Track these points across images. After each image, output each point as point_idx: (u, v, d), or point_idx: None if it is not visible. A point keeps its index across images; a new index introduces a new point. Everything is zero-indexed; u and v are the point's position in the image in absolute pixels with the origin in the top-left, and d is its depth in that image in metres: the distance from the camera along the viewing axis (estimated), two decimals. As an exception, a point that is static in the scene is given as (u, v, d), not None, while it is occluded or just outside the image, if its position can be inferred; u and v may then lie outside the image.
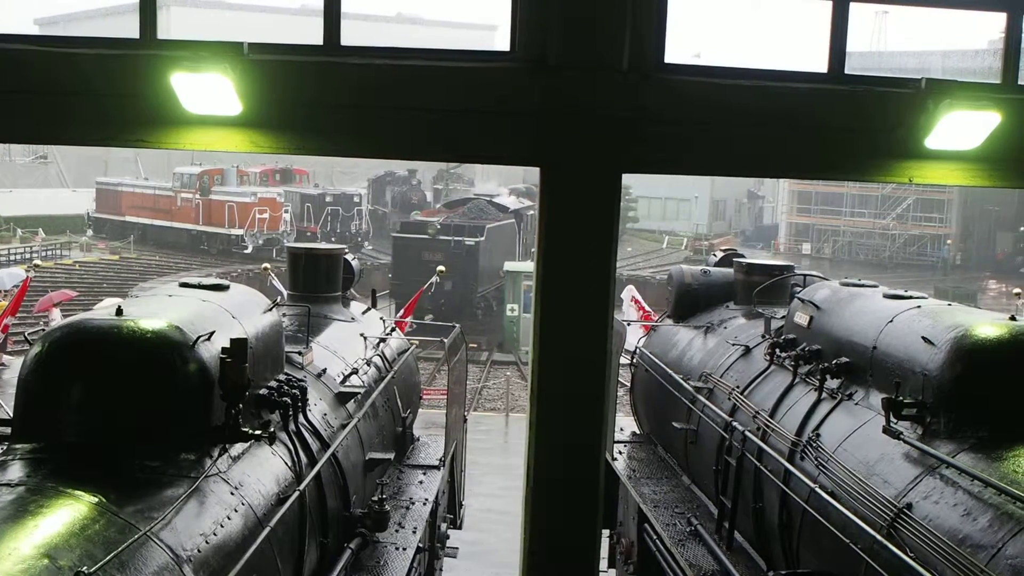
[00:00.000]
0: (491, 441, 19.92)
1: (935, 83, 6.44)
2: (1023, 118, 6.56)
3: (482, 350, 31.20)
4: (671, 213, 65.72)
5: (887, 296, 7.92)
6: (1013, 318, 6.71)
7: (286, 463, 6.56)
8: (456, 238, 33.86)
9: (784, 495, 7.41)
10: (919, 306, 7.38)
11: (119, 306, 5.83)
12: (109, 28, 8.57)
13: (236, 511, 5.55)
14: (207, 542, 5.11)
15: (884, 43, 63.43)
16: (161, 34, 6.55)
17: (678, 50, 7.01)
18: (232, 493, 5.64)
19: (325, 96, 6.43)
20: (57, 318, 22.38)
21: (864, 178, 7.56)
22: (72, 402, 5.37)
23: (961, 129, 6.40)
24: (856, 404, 7.32)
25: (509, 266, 33.77)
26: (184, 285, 7.09)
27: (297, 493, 6.20)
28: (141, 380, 5.47)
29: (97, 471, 5.08)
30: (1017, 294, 26.48)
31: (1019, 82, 6.86)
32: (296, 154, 7.08)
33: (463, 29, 71.16)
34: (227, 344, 5.71)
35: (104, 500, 4.79)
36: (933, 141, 6.46)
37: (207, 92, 6.09)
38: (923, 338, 6.61)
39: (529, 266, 34.35)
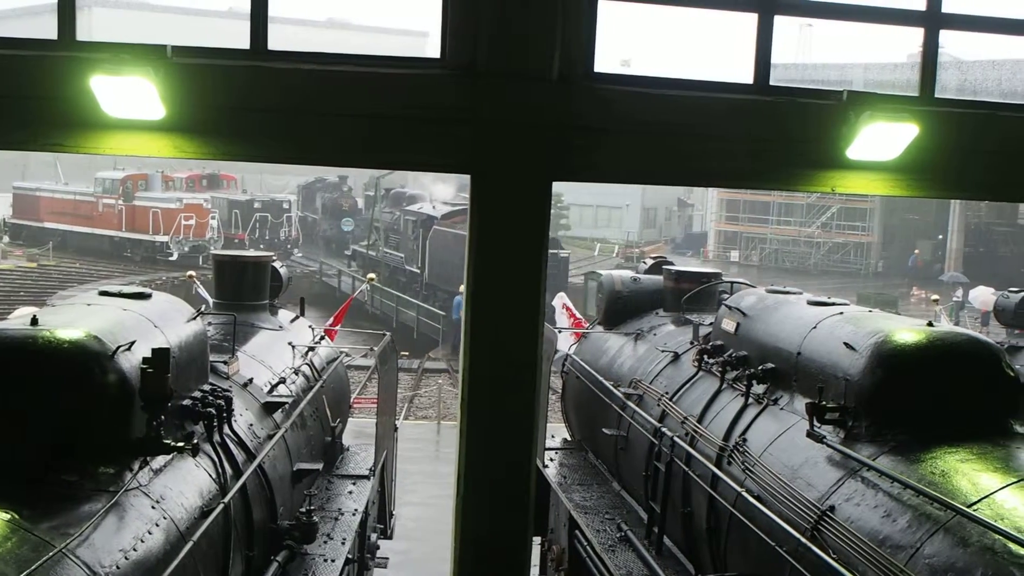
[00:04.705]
0: (422, 450, 19.78)
1: (856, 95, 6.60)
2: (940, 130, 6.76)
3: (414, 358, 30.98)
4: (603, 220, 66.32)
5: (811, 303, 8.08)
6: (931, 324, 6.91)
7: (210, 475, 6.42)
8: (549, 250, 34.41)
9: (712, 500, 7.51)
10: (841, 312, 7.55)
11: (35, 315, 5.66)
12: (25, 29, 8.28)
13: (157, 525, 5.41)
14: (127, 558, 4.96)
15: (808, 55, 65.03)
16: (81, 35, 6.34)
17: (607, 59, 7.05)
18: (153, 507, 5.50)
19: (252, 101, 6.31)
20: (-29, 327, 21.56)
21: (789, 187, 7.69)
22: (-17, 415, 5.16)
23: (881, 140, 6.56)
24: (781, 409, 7.45)
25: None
26: (104, 293, 6.92)
27: (221, 506, 6.07)
28: (58, 392, 5.30)
29: (10, 486, 4.90)
30: (935, 301, 27.31)
31: (936, 95, 7.07)
32: (222, 160, 6.94)
33: (394, 35, 70.88)
34: (148, 354, 5.57)
35: (17, 516, 4.62)
36: (854, 151, 6.61)
37: (128, 95, 5.92)
38: (845, 344, 6.76)
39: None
